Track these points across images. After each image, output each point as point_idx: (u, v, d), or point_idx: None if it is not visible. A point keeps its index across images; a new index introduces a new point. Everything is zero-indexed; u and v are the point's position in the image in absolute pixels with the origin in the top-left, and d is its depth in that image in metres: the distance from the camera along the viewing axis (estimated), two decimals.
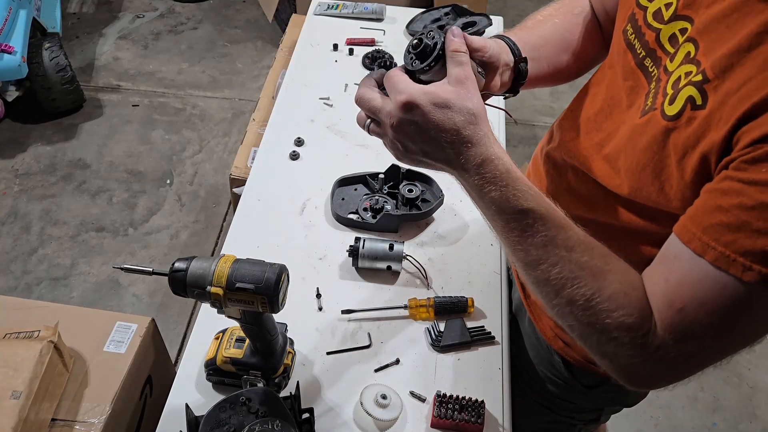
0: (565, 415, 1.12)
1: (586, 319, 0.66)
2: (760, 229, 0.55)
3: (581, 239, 0.68)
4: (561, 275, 0.66)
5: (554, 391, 1.07)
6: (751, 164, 0.56)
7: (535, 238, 0.67)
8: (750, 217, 0.55)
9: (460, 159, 0.68)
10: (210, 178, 2.58)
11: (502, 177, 0.67)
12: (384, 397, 0.91)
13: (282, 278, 0.81)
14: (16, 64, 2.38)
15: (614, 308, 0.64)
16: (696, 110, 0.62)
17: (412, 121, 0.68)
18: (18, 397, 1.09)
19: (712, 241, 0.58)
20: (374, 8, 1.73)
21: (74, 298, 2.14)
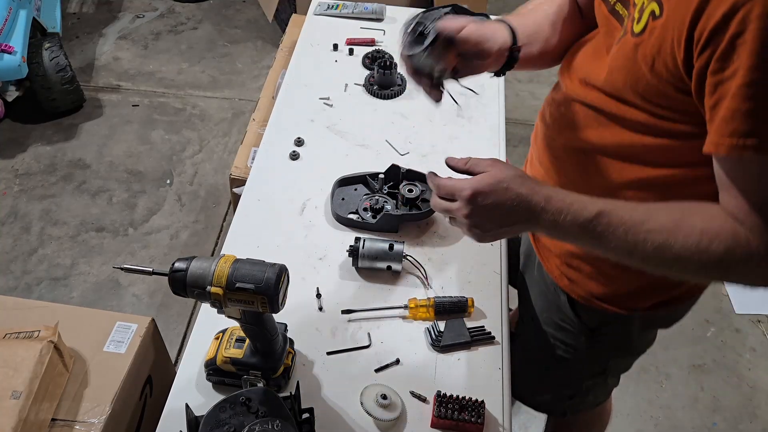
0: (571, 366, 1.15)
1: (696, 267, 0.72)
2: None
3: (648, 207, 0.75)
4: (654, 247, 0.73)
5: (560, 337, 1.10)
6: (724, 61, 0.63)
7: (617, 231, 0.74)
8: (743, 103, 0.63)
9: (532, 212, 0.78)
10: (210, 178, 2.58)
11: (565, 202, 0.77)
12: (384, 397, 0.91)
13: (282, 278, 0.81)
14: (16, 64, 2.38)
15: (710, 242, 0.70)
16: (656, 20, 0.71)
17: (480, 206, 0.80)
18: (18, 397, 1.09)
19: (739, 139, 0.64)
20: (374, 8, 1.73)
21: (74, 298, 2.14)
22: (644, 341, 1.13)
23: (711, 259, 0.71)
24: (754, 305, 2.25)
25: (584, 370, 1.17)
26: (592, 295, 1.02)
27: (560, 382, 1.21)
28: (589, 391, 1.22)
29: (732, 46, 0.62)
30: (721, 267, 0.71)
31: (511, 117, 1.31)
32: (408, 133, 1.41)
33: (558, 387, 1.23)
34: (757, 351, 2.13)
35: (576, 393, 1.22)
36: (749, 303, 2.26)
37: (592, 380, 1.19)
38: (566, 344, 1.11)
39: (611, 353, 1.14)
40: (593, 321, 1.06)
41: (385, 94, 1.50)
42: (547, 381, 1.22)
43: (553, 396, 1.26)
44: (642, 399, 1.98)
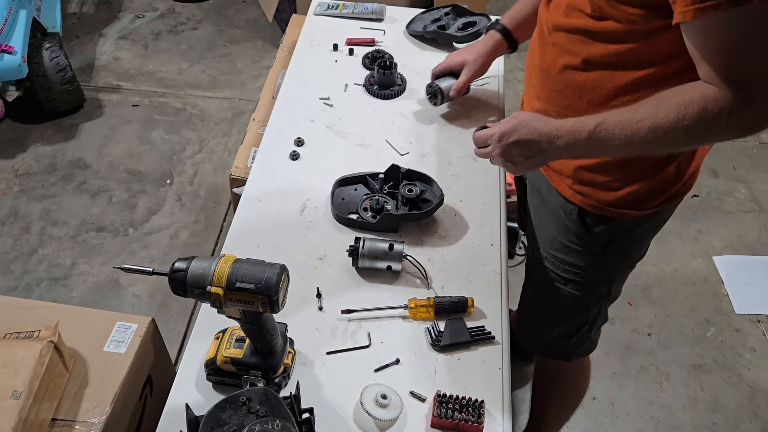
0: (579, 293, 1.22)
1: (684, 133, 0.85)
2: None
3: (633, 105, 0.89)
4: (646, 131, 0.87)
5: (571, 260, 1.20)
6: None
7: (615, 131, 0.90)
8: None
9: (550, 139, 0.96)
10: (210, 178, 2.58)
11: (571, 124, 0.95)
12: (384, 397, 0.92)
13: (282, 278, 0.82)
14: (17, 64, 2.38)
15: (687, 108, 0.84)
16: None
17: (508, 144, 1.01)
18: (18, 397, 1.09)
19: (701, 3, 0.76)
20: (374, 8, 1.73)
21: (74, 298, 2.14)
22: (643, 248, 1.23)
23: (692, 122, 0.84)
24: (754, 305, 2.25)
25: (591, 294, 1.24)
26: (605, 203, 1.10)
27: (568, 315, 1.28)
28: (593, 324, 1.30)
29: None
30: (702, 126, 0.84)
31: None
32: (408, 133, 1.41)
33: (566, 320, 1.30)
34: (757, 351, 2.13)
35: (582, 325, 1.29)
36: (749, 303, 2.26)
37: (597, 306, 1.27)
38: (576, 266, 1.19)
39: (615, 268, 1.23)
40: (604, 234, 1.14)
41: (385, 94, 1.50)
42: (554, 315, 1.30)
43: (560, 332, 1.32)
44: (642, 399, 1.98)
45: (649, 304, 2.22)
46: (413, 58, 1.61)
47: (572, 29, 0.99)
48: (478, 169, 1.34)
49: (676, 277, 2.28)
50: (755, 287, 2.31)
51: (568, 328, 1.31)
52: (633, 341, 2.12)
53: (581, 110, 1.00)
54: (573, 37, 1.00)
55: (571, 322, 1.31)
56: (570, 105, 1.04)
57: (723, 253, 2.41)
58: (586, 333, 1.32)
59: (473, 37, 1.63)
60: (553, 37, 1.04)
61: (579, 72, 1.01)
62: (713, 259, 2.39)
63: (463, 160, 1.36)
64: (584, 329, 1.31)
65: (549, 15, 1.05)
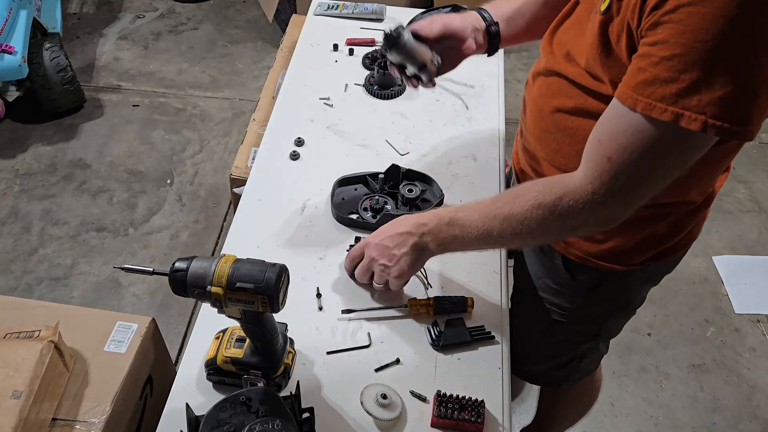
0: (567, 331, 1.18)
1: (538, 223, 0.86)
2: (666, 78, 0.71)
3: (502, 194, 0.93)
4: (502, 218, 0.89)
5: (557, 302, 1.14)
6: (652, 30, 0.72)
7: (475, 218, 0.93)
8: (658, 70, 0.72)
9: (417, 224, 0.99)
10: (210, 178, 2.58)
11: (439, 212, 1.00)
12: (384, 396, 0.92)
13: (282, 278, 0.82)
14: (17, 65, 2.38)
15: (544, 197, 0.85)
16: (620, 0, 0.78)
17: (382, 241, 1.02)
18: (18, 396, 1.10)
19: (638, 95, 0.74)
20: (374, 8, 1.73)
21: (75, 298, 2.14)
22: (637, 298, 1.18)
23: (546, 211, 0.84)
24: (754, 305, 2.26)
25: (580, 334, 1.20)
26: (588, 254, 1.05)
27: (556, 349, 1.24)
28: (583, 357, 1.26)
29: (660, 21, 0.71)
30: (557, 216, 0.84)
31: (511, 117, 1.32)
32: (408, 133, 1.42)
33: (554, 354, 1.26)
34: (756, 351, 2.13)
35: (572, 359, 1.25)
36: (749, 303, 2.26)
37: (587, 344, 1.22)
38: (562, 308, 1.15)
39: (606, 313, 1.18)
40: (589, 281, 1.09)
41: (385, 94, 1.50)
42: (543, 348, 1.26)
43: (550, 364, 1.29)
44: (642, 399, 1.99)
45: (648, 304, 2.20)
46: None
47: (569, 77, 0.94)
48: (478, 169, 1.34)
49: (676, 277, 2.28)
50: (755, 287, 2.31)
51: (558, 361, 1.28)
52: (633, 341, 2.12)
53: (570, 157, 0.95)
54: (569, 85, 0.95)
55: (560, 357, 1.26)
56: (560, 149, 0.99)
57: (722, 253, 2.42)
58: (576, 365, 1.28)
59: None
60: (551, 76, 0.99)
61: (571, 117, 0.96)
62: (713, 258, 2.39)
63: (463, 160, 1.36)
64: (574, 362, 1.27)
65: (551, 53, 0.99)
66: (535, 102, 1.04)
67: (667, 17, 0.70)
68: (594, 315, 1.17)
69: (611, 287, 1.10)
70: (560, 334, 1.20)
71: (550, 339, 1.22)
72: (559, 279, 1.12)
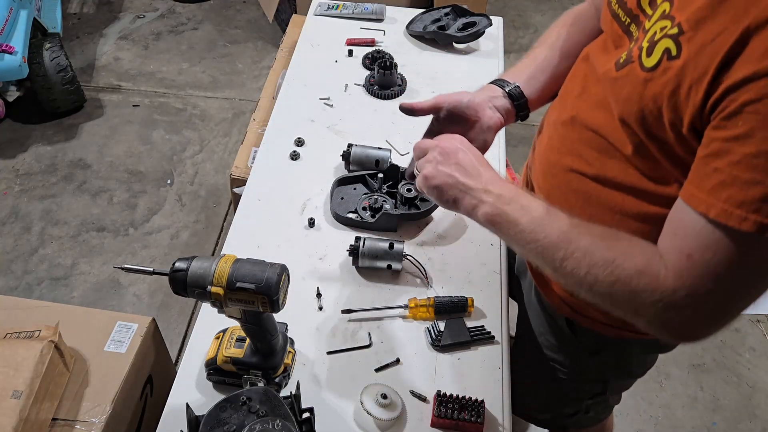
0: (571, 387, 1.13)
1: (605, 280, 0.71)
2: (749, 180, 0.59)
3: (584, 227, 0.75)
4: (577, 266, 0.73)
5: (559, 359, 1.08)
6: (728, 120, 0.60)
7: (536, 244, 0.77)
8: (738, 170, 0.60)
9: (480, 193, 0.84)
10: (210, 178, 2.58)
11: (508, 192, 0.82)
12: (384, 396, 0.92)
13: (282, 278, 0.82)
14: (17, 65, 2.38)
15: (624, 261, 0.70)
16: (671, 60, 0.66)
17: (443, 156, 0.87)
18: (19, 396, 1.10)
19: (713, 199, 0.62)
20: (374, 9, 1.73)
21: (75, 298, 2.14)
22: (645, 363, 1.11)
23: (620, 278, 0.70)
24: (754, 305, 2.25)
25: (584, 390, 1.15)
26: (594, 320, 0.99)
27: (560, 402, 1.20)
28: (589, 409, 1.21)
29: (740, 110, 0.59)
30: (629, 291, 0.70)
31: None
32: (408, 133, 1.42)
33: (558, 406, 1.22)
34: (756, 351, 2.13)
35: (577, 411, 1.21)
36: None
37: (593, 399, 1.17)
38: (565, 366, 1.10)
39: (611, 374, 1.12)
40: (593, 344, 1.04)
41: (385, 94, 1.50)
42: (547, 400, 1.21)
43: (554, 414, 1.25)
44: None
45: None
46: (413, 59, 1.62)
47: (596, 130, 0.82)
48: None
49: None
50: None
51: (563, 412, 1.22)
52: None
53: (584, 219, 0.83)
54: (595, 138, 0.83)
55: (564, 408, 1.21)
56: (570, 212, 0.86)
57: None
58: (583, 416, 1.22)
59: (473, 38, 1.63)
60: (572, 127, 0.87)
61: (587, 180, 0.85)
62: None
63: None
64: (579, 414, 1.21)
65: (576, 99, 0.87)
66: (545, 155, 0.94)
67: (751, 107, 0.58)
68: (598, 375, 1.11)
69: (615, 351, 1.04)
70: (564, 389, 1.14)
71: (553, 393, 1.17)
72: (562, 338, 1.07)
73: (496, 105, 1.01)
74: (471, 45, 1.67)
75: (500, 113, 1.01)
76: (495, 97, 1.01)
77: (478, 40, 1.66)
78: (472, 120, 1.00)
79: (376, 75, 1.51)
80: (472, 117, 1.00)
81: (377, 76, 1.50)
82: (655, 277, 0.68)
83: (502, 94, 1.01)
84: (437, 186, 0.86)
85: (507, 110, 1.01)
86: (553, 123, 0.93)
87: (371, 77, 1.53)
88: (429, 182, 0.87)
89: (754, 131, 0.58)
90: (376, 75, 1.50)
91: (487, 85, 1.04)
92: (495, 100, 1.01)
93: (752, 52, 0.58)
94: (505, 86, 1.02)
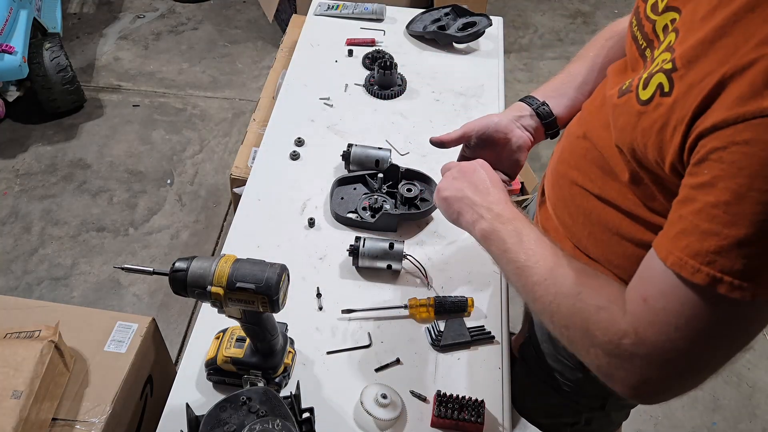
0: (571, 399, 1.12)
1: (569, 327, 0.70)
2: (706, 230, 0.56)
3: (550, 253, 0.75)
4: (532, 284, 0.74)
5: (559, 369, 1.08)
6: (697, 166, 0.58)
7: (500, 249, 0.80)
8: (699, 220, 0.57)
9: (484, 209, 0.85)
10: (210, 178, 2.58)
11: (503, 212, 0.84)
12: (384, 396, 0.92)
13: (282, 278, 0.82)
14: (17, 65, 2.38)
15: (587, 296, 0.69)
16: (663, 97, 0.64)
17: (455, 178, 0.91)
18: (19, 396, 1.10)
19: (673, 247, 0.60)
20: (374, 9, 1.73)
21: (75, 298, 2.14)
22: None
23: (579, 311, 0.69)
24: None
25: (582, 403, 1.14)
26: None
27: (559, 410, 1.19)
28: (590, 423, 1.19)
29: (706, 157, 0.57)
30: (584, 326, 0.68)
31: None
32: (408, 133, 1.42)
33: (557, 414, 1.20)
34: (756, 351, 2.13)
35: (576, 422, 1.19)
36: None
37: (591, 414, 1.16)
38: (564, 377, 1.08)
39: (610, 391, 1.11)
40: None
41: (385, 94, 1.50)
42: (546, 407, 1.20)
43: (553, 422, 1.24)
44: None
45: None
46: (413, 59, 1.62)
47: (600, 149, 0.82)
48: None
49: None
50: None
51: (561, 420, 1.20)
52: None
53: (580, 239, 0.87)
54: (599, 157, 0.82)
55: (563, 417, 1.19)
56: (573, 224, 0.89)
57: None
58: (584, 427, 1.19)
59: (473, 38, 1.63)
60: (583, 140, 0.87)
61: (589, 197, 0.84)
62: None
63: None
64: (579, 425, 1.18)
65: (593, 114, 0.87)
66: (556, 166, 0.94)
67: (715, 155, 0.56)
68: (596, 391, 1.09)
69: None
70: (563, 398, 1.12)
71: (552, 400, 1.14)
72: (561, 350, 1.05)
73: (524, 125, 1.01)
74: (471, 45, 1.67)
75: (529, 132, 1.01)
76: (522, 117, 1.01)
77: (478, 40, 1.66)
78: (501, 142, 1.01)
79: (376, 75, 1.51)
80: (501, 140, 1.01)
81: (377, 76, 1.50)
82: (612, 317, 0.66)
83: (530, 113, 1.01)
84: (446, 198, 0.90)
85: (535, 129, 1.02)
86: (570, 135, 0.93)
87: (371, 77, 1.53)
88: (440, 193, 0.91)
89: (717, 180, 0.56)
90: (376, 75, 1.50)
91: (516, 104, 1.04)
92: (523, 119, 1.01)
93: (725, 99, 0.56)
94: (533, 105, 1.02)
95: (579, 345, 0.71)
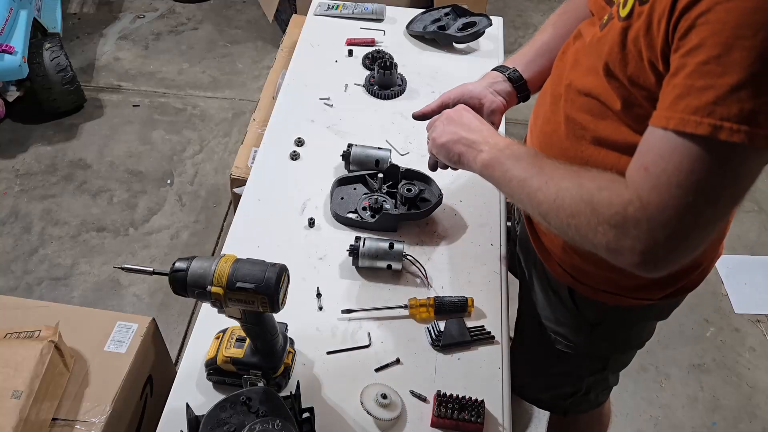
0: (572, 364, 1.15)
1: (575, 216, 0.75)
2: (701, 86, 0.61)
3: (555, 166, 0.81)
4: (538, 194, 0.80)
5: (561, 332, 1.10)
6: (684, 38, 0.63)
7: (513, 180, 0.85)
8: (692, 80, 0.62)
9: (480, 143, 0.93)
10: (210, 178, 2.59)
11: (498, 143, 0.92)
12: (384, 396, 0.92)
13: (282, 278, 0.82)
14: (17, 65, 2.38)
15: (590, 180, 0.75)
16: (643, 5, 0.69)
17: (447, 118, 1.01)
18: (19, 396, 1.10)
19: (671, 112, 0.64)
20: (374, 9, 1.73)
21: (75, 298, 2.14)
22: (645, 333, 1.13)
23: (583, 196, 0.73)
24: (754, 305, 2.26)
25: (585, 367, 1.17)
26: (594, 289, 1.00)
27: (561, 380, 1.21)
28: (590, 390, 1.22)
29: (693, 25, 0.62)
30: (590, 207, 0.73)
31: (511, 117, 1.31)
32: (408, 133, 1.42)
33: (559, 384, 1.23)
34: (756, 351, 2.13)
35: (576, 391, 1.22)
36: (749, 303, 2.26)
37: (593, 377, 1.19)
38: (567, 339, 1.11)
39: (612, 348, 1.14)
40: (595, 315, 1.06)
41: (385, 94, 1.50)
42: (547, 378, 1.22)
43: (554, 393, 1.26)
44: (641, 398, 1.99)
45: None
46: (413, 59, 1.62)
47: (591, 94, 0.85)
48: None
49: None
50: (755, 287, 2.31)
51: (562, 391, 1.24)
52: None
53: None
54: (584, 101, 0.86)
55: (564, 387, 1.23)
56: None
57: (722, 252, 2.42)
58: (583, 397, 1.24)
59: (473, 38, 1.63)
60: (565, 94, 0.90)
61: (584, 144, 0.87)
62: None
63: None
64: (579, 394, 1.23)
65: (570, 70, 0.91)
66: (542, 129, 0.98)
67: (702, 19, 0.60)
68: (599, 349, 1.13)
69: (616, 323, 1.06)
70: (565, 365, 1.15)
71: (553, 369, 1.18)
72: (564, 311, 1.08)
73: (497, 89, 1.10)
74: (471, 45, 1.67)
75: (502, 96, 1.10)
76: (495, 83, 1.10)
77: (478, 40, 1.66)
78: (476, 107, 1.07)
79: (376, 75, 1.51)
80: (476, 105, 1.08)
81: (377, 76, 1.50)
82: (615, 191, 0.71)
83: (503, 79, 1.10)
84: (444, 143, 0.97)
85: (508, 93, 1.10)
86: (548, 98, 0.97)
87: (371, 77, 1.53)
88: (437, 141, 0.98)
89: (705, 40, 0.60)
90: (376, 75, 1.50)
91: (488, 73, 1.13)
92: (495, 85, 1.10)
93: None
94: (504, 71, 1.11)
95: (586, 229, 0.74)
